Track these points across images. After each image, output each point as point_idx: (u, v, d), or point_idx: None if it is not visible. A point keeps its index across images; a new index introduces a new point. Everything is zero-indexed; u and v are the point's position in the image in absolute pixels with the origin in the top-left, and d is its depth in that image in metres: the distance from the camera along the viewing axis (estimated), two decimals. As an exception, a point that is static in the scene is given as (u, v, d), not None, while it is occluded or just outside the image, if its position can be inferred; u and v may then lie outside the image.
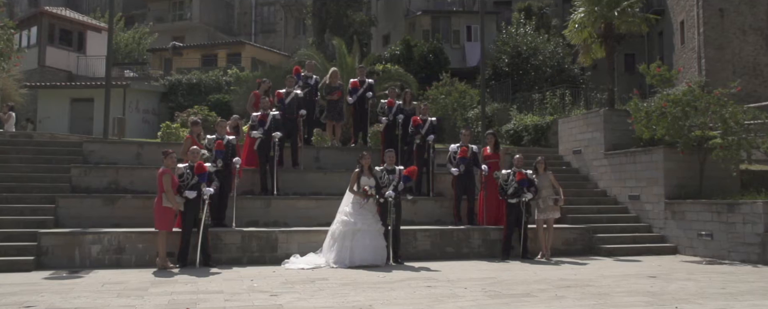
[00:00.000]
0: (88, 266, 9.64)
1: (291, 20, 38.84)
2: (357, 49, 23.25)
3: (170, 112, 24.51)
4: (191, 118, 12.47)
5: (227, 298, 7.03)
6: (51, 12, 28.72)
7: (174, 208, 9.65)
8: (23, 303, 6.69)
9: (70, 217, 10.61)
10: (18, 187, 11.26)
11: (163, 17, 38.39)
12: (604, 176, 14.57)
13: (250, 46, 32.93)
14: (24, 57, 17.67)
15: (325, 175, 12.83)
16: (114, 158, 12.67)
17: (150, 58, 33.71)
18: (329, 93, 14.02)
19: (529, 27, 28.74)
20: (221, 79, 27.42)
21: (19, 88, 21.98)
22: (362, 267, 9.78)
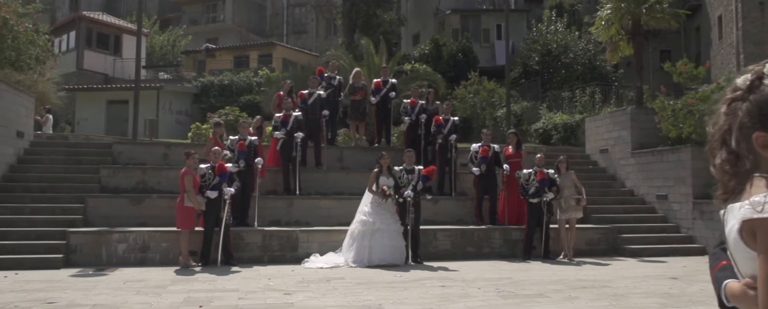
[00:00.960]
0: (115, 264, 9.92)
1: (322, 21, 39.11)
2: (384, 49, 23.30)
3: (202, 113, 24.94)
4: (214, 120, 12.73)
5: (241, 297, 7.17)
6: (88, 17, 29.53)
7: (195, 207, 9.86)
8: (46, 299, 6.94)
9: (99, 217, 10.93)
10: (50, 187, 11.64)
11: (197, 20, 39.07)
12: (631, 175, 14.33)
13: (281, 47, 33.28)
14: (58, 61, 18.14)
15: (348, 175, 12.92)
16: (142, 159, 12.99)
17: (184, 60, 34.35)
18: (353, 93, 14.11)
19: (560, 24, 28.38)
20: (252, 80, 27.79)
21: (58, 92, 22.62)
22: (381, 266, 9.84)
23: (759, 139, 1.51)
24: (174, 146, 13.73)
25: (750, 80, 1.56)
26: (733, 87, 1.61)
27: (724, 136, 1.61)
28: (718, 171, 1.63)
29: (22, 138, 12.63)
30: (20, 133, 12.47)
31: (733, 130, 1.57)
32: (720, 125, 1.61)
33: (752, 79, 1.55)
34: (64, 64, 28.64)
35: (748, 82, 1.56)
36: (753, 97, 1.53)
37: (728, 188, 1.59)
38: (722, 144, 1.61)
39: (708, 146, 1.65)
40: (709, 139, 1.65)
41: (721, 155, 1.60)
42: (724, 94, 1.68)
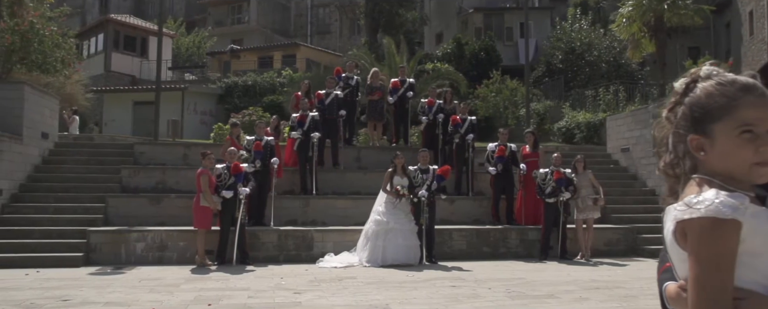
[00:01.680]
0: (133, 263, 10.11)
1: (346, 21, 39.27)
2: (405, 49, 23.30)
3: (227, 113, 25.23)
4: (230, 120, 12.86)
5: (251, 295, 7.24)
6: (116, 19, 30.11)
7: (211, 207, 9.99)
8: (62, 297, 7.11)
9: (119, 216, 11.15)
10: (72, 187, 11.91)
11: (223, 21, 39.55)
12: (652, 175, 14.09)
13: (305, 48, 33.50)
14: (83, 64, 18.55)
15: (365, 174, 12.95)
16: (162, 159, 13.21)
17: (209, 61, 34.81)
18: (370, 93, 14.14)
19: (584, 22, 28.05)
20: (275, 80, 28.03)
21: (86, 93, 23.14)
22: (394, 266, 9.84)
23: (693, 142, 1.50)
24: (194, 147, 13.92)
25: (685, 84, 1.55)
26: (674, 91, 1.59)
27: (668, 140, 1.60)
28: (662, 174, 1.62)
29: (47, 139, 12.94)
30: (45, 134, 12.77)
31: (671, 134, 1.56)
32: (666, 129, 1.60)
33: (687, 82, 1.54)
34: (92, 66, 29.31)
35: (684, 86, 1.55)
36: (687, 101, 1.52)
37: (671, 191, 1.58)
38: (667, 148, 1.60)
39: (655, 150, 1.64)
40: (657, 143, 1.64)
41: (665, 158, 1.59)
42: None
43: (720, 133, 1.45)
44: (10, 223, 10.60)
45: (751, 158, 1.42)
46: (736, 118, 1.43)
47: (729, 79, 1.49)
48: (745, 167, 1.43)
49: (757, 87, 1.47)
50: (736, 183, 1.46)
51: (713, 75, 1.53)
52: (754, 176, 1.44)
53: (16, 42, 14.00)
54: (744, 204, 1.39)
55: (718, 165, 1.48)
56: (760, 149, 1.42)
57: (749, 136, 1.42)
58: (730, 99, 1.46)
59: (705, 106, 1.48)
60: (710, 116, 1.47)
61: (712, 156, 1.48)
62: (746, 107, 1.44)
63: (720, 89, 1.48)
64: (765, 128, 1.43)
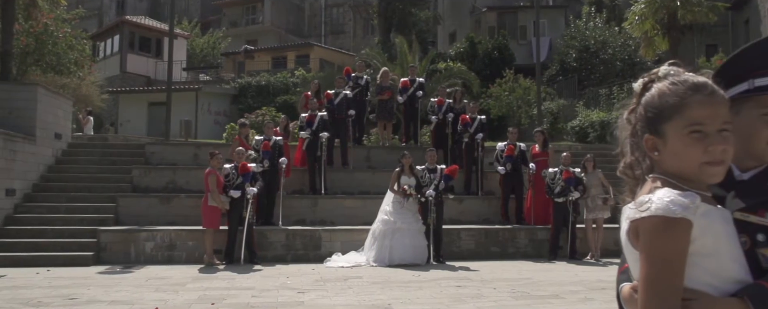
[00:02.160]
0: (142, 262, 10.20)
1: (359, 21, 39.29)
2: (417, 48, 23.28)
3: (240, 113, 25.38)
4: (239, 120, 12.92)
5: (255, 295, 7.27)
6: (131, 21, 30.41)
7: (220, 207, 10.05)
8: (69, 295, 7.19)
9: (130, 216, 11.25)
10: (84, 187, 12.04)
11: (237, 22, 39.76)
12: (665, 174, 13.91)
13: (318, 48, 33.58)
14: (95, 64, 18.76)
15: (374, 174, 12.95)
16: (173, 159, 13.31)
17: (223, 62, 35.02)
18: (380, 92, 14.14)
19: (599, 20, 27.81)
20: (289, 80, 28.14)
21: (101, 94, 23.39)
22: (402, 266, 9.83)
23: (648, 143, 1.49)
24: (204, 147, 14.01)
25: (643, 84, 1.53)
26: (633, 92, 1.58)
27: (627, 140, 1.59)
28: (622, 175, 1.60)
29: (60, 139, 13.10)
30: (58, 134, 12.93)
31: (628, 135, 1.55)
32: (626, 131, 1.58)
33: (645, 82, 1.53)
34: (108, 66, 29.64)
35: (642, 86, 1.53)
36: (643, 101, 1.50)
37: (631, 192, 1.57)
38: (626, 149, 1.58)
39: (617, 151, 1.62)
40: (620, 144, 1.62)
41: (625, 160, 1.57)
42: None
43: (671, 133, 1.44)
44: (22, 222, 10.75)
45: (700, 157, 1.40)
46: (686, 118, 1.42)
47: (681, 79, 1.48)
48: (695, 166, 1.42)
49: (706, 86, 1.45)
50: (690, 183, 1.44)
51: (669, 75, 1.51)
52: (704, 175, 1.42)
53: (31, 44, 14.21)
54: (695, 203, 1.36)
55: (671, 165, 1.46)
56: (708, 148, 1.40)
57: (698, 135, 1.41)
58: (680, 98, 1.44)
59: (658, 106, 1.47)
60: (662, 116, 1.45)
61: (665, 156, 1.46)
62: (695, 106, 1.42)
63: (672, 89, 1.46)
64: (714, 127, 1.41)
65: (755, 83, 1.57)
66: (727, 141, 1.42)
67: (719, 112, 1.43)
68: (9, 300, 6.92)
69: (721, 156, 1.41)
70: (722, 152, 1.41)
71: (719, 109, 1.43)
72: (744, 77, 1.59)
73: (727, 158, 1.43)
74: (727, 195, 1.58)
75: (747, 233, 1.51)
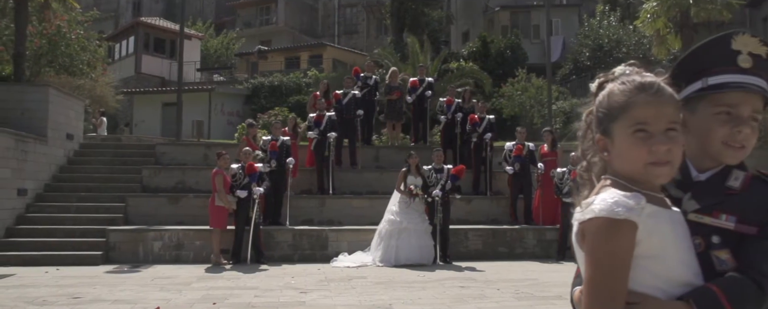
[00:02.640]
0: (151, 261, 10.28)
1: (373, 21, 39.29)
2: (429, 48, 23.22)
3: (253, 113, 25.48)
4: (247, 121, 12.98)
5: (257, 294, 7.30)
6: (146, 22, 30.68)
7: (227, 207, 10.10)
8: (74, 294, 7.27)
9: (139, 216, 11.35)
10: (95, 187, 12.17)
11: (251, 22, 39.96)
12: (677, 174, 13.75)
13: (331, 48, 33.64)
14: (106, 66, 18.95)
15: (382, 174, 12.94)
16: (183, 159, 13.41)
17: (237, 62, 35.21)
18: (389, 92, 14.12)
19: (613, 18, 27.54)
20: (301, 80, 28.21)
21: (115, 95, 23.62)
22: (408, 266, 9.81)
23: (599, 143, 1.47)
24: (213, 147, 14.08)
25: (598, 84, 1.51)
26: (590, 92, 1.56)
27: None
28: (579, 176, 1.58)
29: (72, 140, 13.24)
30: (70, 135, 13.08)
31: (584, 136, 1.53)
32: (583, 131, 1.56)
33: (601, 82, 1.51)
34: (123, 67, 29.93)
35: (597, 86, 1.51)
36: (597, 101, 1.48)
37: (588, 194, 1.54)
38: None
39: (577, 153, 1.60)
40: (579, 145, 1.60)
41: (583, 161, 1.55)
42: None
43: (618, 133, 1.42)
44: (33, 222, 10.89)
45: (645, 158, 1.38)
46: (631, 117, 1.40)
47: (630, 79, 1.46)
48: (640, 167, 1.39)
49: (653, 85, 1.42)
50: (639, 184, 1.41)
51: (623, 75, 1.49)
52: (650, 176, 1.39)
53: (44, 46, 14.38)
54: (640, 204, 1.34)
55: (619, 165, 1.44)
56: (653, 148, 1.37)
57: (643, 135, 1.38)
58: (626, 98, 1.42)
59: (607, 106, 1.45)
60: (610, 116, 1.44)
61: (614, 156, 1.44)
62: (640, 106, 1.40)
63: (620, 89, 1.45)
64: (659, 127, 1.38)
65: (709, 81, 1.54)
66: (672, 141, 1.39)
67: (664, 111, 1.40)
68: (15, 298, 7.00)
69: (666, 156, 1.38)
70: (667, 152, 1.38)
71: (664, 109, 1.40)
72: (698, 76, 1.56)
73: (674, 159, 1.40)
74: (684, 196, 1.55)
75: (701, 235, 1.48)
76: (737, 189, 1.51)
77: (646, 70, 1.53)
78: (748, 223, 1.45)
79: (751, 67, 1.52)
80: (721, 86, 1.51)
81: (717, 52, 1.55)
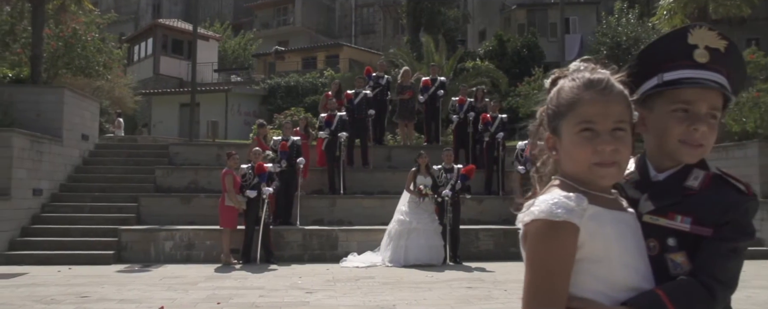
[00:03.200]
0: (162, 261, 10.36)
1: (389, 20, 39.24)
2: (444, 47, 23.12)
3: (270, 114, 25.60)
4: (257, 121, 13.03)
5: (262, 294, 7.30)
6: (164, 24, 31.00)
7: (236, 207, 10.14)
8: (82, 293, 7.34)
9: (151, 215, 11.45)
10: (109, 187, 12.30)
11: (269, 23, 40.16)
12: (695, 173, 13.51)
13: (348, 48, 33.67)
14: (121, 67, 19.16)
15: (394, 174, 12.89)
16: (196, 159, 13.50)
17: (255, 63, 35.41)
18: (401, 92, 14.08)
19: (632, 15, 27.17)
20: (318, 80, 28.27)
21: (134, 96, 23.89)
22: (417, 266, 9.76)
23: (548, 141, 1.41)
24: (227, 147, 14.14)
25: (551, 80, 1.46)
26: (544, 89, 1.51)
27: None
28: (532, 176, 1.53)
29: (87, 141, 13.40)
30: (85, 136, 13.24)
31: (536, 134, 1.48)
32: (535, 129, 1.51)
33: (554, 78, 1.46)
34: (142, 69, 30.27)
35: (550, 82, 1.46)
36: (549, 98, 1.43)
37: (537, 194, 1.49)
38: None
39: (533, 152, 1.55)
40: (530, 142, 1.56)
41: (536, 161, 1.50)
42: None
43: (565, 131, 1.37)
44: (48, 221, 11.03)
45: (589, 158, 1.33)
46: (577, 115, 1.35)
47: (580, 75, 1.40)
48: (585, 167, 1.34)
49: (600, 82, 1.37)
50: (588, 184, 1.36)
51: (577, 70, 1.43)
52: (594, 177, 1.34)
53: (61, 48, 14.58)
54: (581, 205, 1.29)
55: (566, 165, 1.39)
56: (597, 148, 1.32)
57: (588, 134, 1.33)
58: (574, 95, 1.37)
59: (557, 103, 1.40)
60: (559, 113, 1.39)
61: (561, 155, 1.39)
62: (586, 103, 1.35)
63: (569, 85, 1.40)
64: (606, 126, 1.33)
65: (664, 77, 1.48)
66: (619, 141, 1.33)
67: (611, 109, 1.34)
68: (24, 297, 7.09)
69: (612, 157, 1.33)
70: (613, 153, 1.32)
71: (611, 107, 1.35)
72: (655, 71, 1.50)
73: (621, 160, 1.34)
74: (642, 197, 1.49)
75: (656, 237, 1.42)
76: (696, 189, 1.45)
77: (602, 67, 1.47)
78: (704, 225, 1.39)
79: (708, 61, 1.45)
80: (676, 82, 1.45)
81: (673, 46, 1.49)
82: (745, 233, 1.39)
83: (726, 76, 1.47)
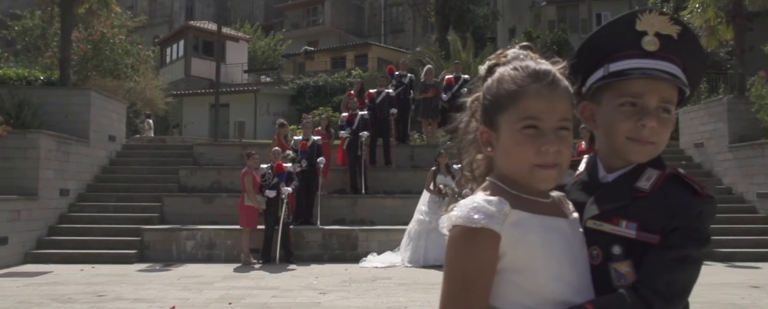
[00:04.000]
0: (183, 260, 10.44)
1: (419, 19, 39.03)
2: (471, 45, 22.88)
3: (298, 114, 25.70)
4: (278, 121, 13.04)
5: (275, 295, 7.28)
6: (195, 26, 31.41)
7: (256, 207, 10.16)
8: (99, 292, 7.42)
9: (174, 215, 11.56)
10: (134, 187, 12.47)
11: (298, 23, 40.39)
12: (728, 172, 13.07)
13: (376, 47, 33.63)
14: (149, 68, 19.45)
15: (417, 173, 12.76)
16: (220, 160, 13.59)
17: (284, 63, 35.64)
18: (424, 91, 13.95)
19: (666, 9, 26.48)
20: (346, 80, 28.29)
21: (165, 97, 24.24)
22: (436, 266, 9.62)
23: (483, 136, 1.28)
24: (251, 147, 14.20)
25: (488, 67, 1.32)
26: (479, 76, 1.37)
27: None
28: (463, 175, 1.41)
29: (114, 141, 13.61)
30: (112, 137, 13.44)
31: (467, 126, 1.35)
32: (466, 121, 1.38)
33: (491, 65, 1.32)
34: (174, 71, 30.74)
35: (487, 69, 1.33)
36: (485, 86, 1.30)
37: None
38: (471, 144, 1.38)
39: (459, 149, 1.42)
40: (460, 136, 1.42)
41: (468, 157, 1.38)
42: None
43: (504, 126, 1.23)
44: (74, 221, 11.22)
45: (531, 158, 1.19)
46: (520, 109, 1.20)
47: (523, 64, 1.26)
48: (526, 168, 1.20)
49: (548, 74, 1.23)
50: (523, 187, 1.23)
51: (516, 59, 1.30)
52: (533, 179, 1.21)
53: (90, 51, 14.85)
54: (502, 210, 1.17)
55: (502, 164, 1.26)
56: (542, 148, 1.18)
57: (532, 131, 1.19)
58: (517, 86, 1.22)
59: (495, 94, 1.25)
60: (498, 105, 1.24)
61: (498, 153, 1.26)
62: (531, 97, 1.20)
63: (511, 74, 1.25)
64: (551, 124, 1.19)
65: (610, 68, 1.34)
66: (562, 141, 1.20)
67: (557, 106, 1.21)
68: (43, 296, 7.20)
69: (554, 159, 1.19)
70: (556, 154, 1.19)
71: (558, 103, 1.21)
72: (601, 62, 1.37)
73: (562, 162, 1.21)
74: (588, 200, 1.36)
75: (600, 245, 1.29)
76: (646, 191, 1.30)
77: (542, 56, 1.34)
78: (651, 231, 1.24)
79: (658, 49, 1.31)
80: (622, 73, 1.32)
81: (620, 34, 1.35)
82: (697, 240, 1.24)
83: (681, 66, 1.33)
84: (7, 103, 11.36)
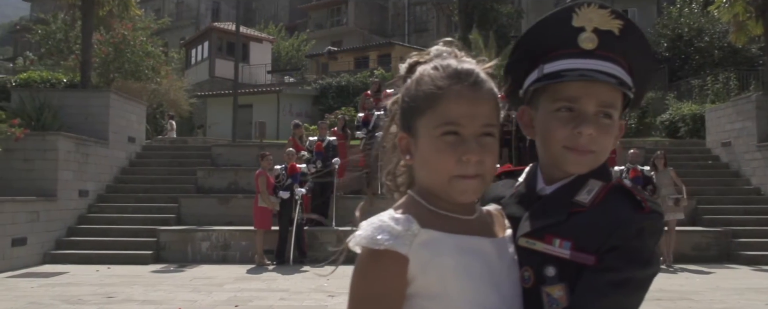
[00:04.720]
0: (199, 261, 10.47)
1: (442, 18, 38.79)
2: (493, 44, 22.61)
3: (321, 114, 25.73)
4: (293, 121, 13.02)
5: (283, 297, 7.22)
6: (219, 28, 31.67)
7: (270, 208, 10.13)
8: (110, 293, 7.45)
9: (191, 216, 11.61)
10: (152, 188, 12.56)
11: (322, 24, 40.45)
12: (757, 171, 12.65)
13: (399, 47, 33.47)
14: (170, 69, 19.64)
15: (434, 174, 12.61)
16: (238, 160, 13.63)
17: (308, 64, 35.73)
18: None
19: (695, 5, 25.85)
20: (368, 80, 28.21)
21: (189, 98, 24.46)
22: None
23: (401, 142, 1.17)
24: (268, 147, 14.22)
25: (409, 66, 1.21)
26: (399, 76, 1.25)
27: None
28: (384, 187, 1.30)
29: (134, 143, 13.74)
30: (131, 138, 13.57)
31: (386, 134, 1.23)
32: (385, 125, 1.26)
33: (412, 63, 1.20)
34: (199, 72, 31.03)
35: (407, 67, 1.21)
36: (405, 89, 1.18)
37: None
38: (393, 149, 1.26)
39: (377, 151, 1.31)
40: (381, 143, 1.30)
41: (389, 166, 1.26)
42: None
43: (422, 132, 1.11)
44: (93, 221, 11.34)
45: (451, 169, 1.06)
46: (439, 114, 1.08)
47: (445, 63, 1.14)
48: (444, 179, 1.08)
49: (470, 74, 1.11)
50: (441, 200, 1.11)
51: (441, 56, 1.19)
52: (453, 192, 1.08)
53: (111, 53, 15.03)
54: (410, 230, 1.05)
55: (420, 174, 1.14)
56: (463, 157, 1.06)
57: (452, 138, 1.06)
58: (436, 88, 1.10)
59: (413, 96, 1.13)
60: (416, 109, 1.12)
61: (416, 161, 1.14)
62: (451, 100, 1.08)
63: (431, 75, 1.13)
64: (473, 131, 1.07)
65: (545, 69, 1.21)
66: (485, 149, 1.07)
67: (481, 110, 1.08)
68: (54, 297, 7.25)
69: (476, 169, 1.07)
70: (478, 164, 1.07)
71: (481, 107, 1.09)
72: (536, 62, 1.24)
73: (485, 172, 1.08)
74: (524, 215, 1.23)
75: (532, 266, 1.16)
76: (586, 205, 1.17)
77: (468, 54, 1.22)
78: (586, 251, 1.11)
79: (596, 47, 1.18)
80: (557, 75, 1.18)
81: (555, 30, 1.22)
82: (637, 262, 1.09)
83: (624, 66, 1.19)
84: (28, 105, 11.54)
